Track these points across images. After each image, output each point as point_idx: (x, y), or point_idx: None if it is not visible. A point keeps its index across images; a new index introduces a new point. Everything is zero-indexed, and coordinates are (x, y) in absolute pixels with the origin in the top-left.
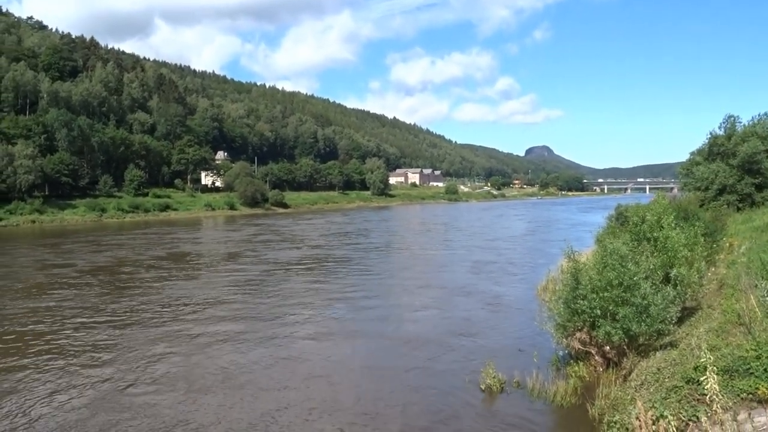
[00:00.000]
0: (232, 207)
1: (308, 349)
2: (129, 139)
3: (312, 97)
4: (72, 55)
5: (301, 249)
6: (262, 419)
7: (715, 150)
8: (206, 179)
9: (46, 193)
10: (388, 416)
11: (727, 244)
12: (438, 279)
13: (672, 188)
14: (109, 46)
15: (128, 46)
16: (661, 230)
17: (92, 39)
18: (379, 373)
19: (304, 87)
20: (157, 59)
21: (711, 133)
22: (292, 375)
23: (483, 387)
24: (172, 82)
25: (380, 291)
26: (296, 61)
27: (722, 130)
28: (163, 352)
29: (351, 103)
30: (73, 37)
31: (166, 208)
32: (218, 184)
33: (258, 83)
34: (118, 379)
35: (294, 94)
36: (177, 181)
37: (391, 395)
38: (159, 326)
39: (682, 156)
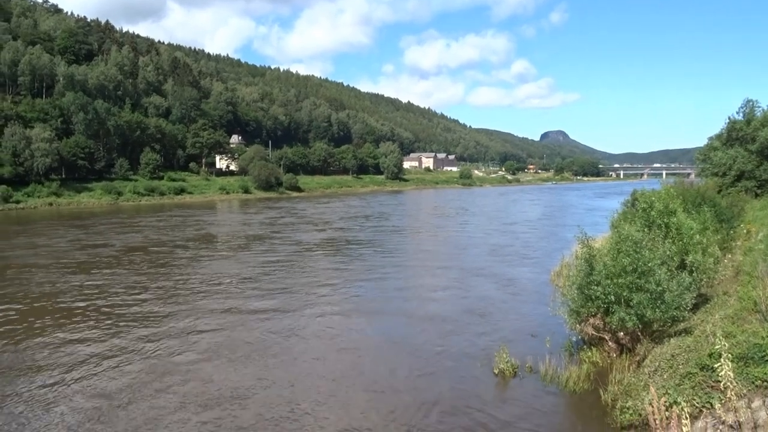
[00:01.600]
0: (246, 191)
1: (335, 324)
2: (144, 123)
3: (326, 80)
4: (87, 39)
5: (325, 231)
6: (297, 385)
7: (733, 135)
8: (221, 163)
9: (63, 176)
10: (402, 393)
11: (745, 231)
12: (455, 261)
13: (689, 174)
14: (124, 30)
15: (142, 29)
16: (670, 217)
17: (107, 22)
18: (398, 350)
19: (317, 70)
20: (171, 42)
21: (729, 118)
22: (321, 347)
23: (496, 371)
24: (186, 65)
25: (401, 272)
26: (310, 44)
27: (741, 114)
28: (205, 324)
29: (365, 86)
30: (89, 20)
31: (181, 191)
32: (232, 167)
33: (272, 67)
34: (167, 348)
35: (308, 78)
36: (192, 165)
37: (406, 374)
38: (199, 301)
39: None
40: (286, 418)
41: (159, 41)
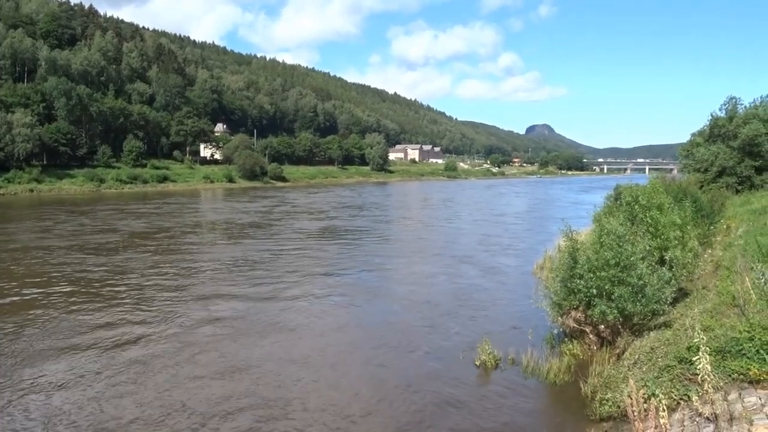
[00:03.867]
0: (230, 180)
1: (336, 304)
2: (128, 110)
3: (312, 70)
4: (70, 23)
5: (321, 220)
6: (306, 358)
7: (716, 132)
8: (205, 151)
9: (44, 162)
10: (382, 384)
11: (725, 226)
12: (443, 251)
13: (672, 169)
14: (108, 14)
15: (126, 14)
16: (649, 212)
17: (91, 7)
18: (381, 339)
19: (304, 59)
20: (156, 29)
21: (712, 115)
22: (324, 326)
23: (478, 363)
24: (171, 52)
25: (392, 260)
26: (296, 33)
27: (724, 111)
28: (220, 302)
29: (351, 76)
30: (72, 4)
31: (164, 179)
32: (217, 156)
33: (258, 55)
34: (186, 323)
35: (294, 67)
36: (176, 153)
37: (387, 365)
38: (214, 282)
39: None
40: (288, 386)
41: (144, 27)
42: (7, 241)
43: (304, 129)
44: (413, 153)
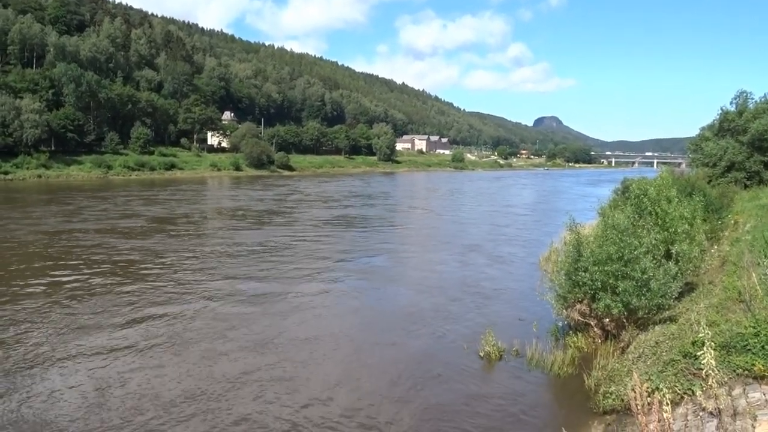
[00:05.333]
0: (237, 168)
1: (352, 288)
2: (136, 97)
3: (320, 59)
4: (79, 9)
5: (335, 209)
6: (323, 337)
7: (725, 126)
8: (212, 139)
9: (52, 148)
10: (385, 373)
11: (733, 222)
12: (453, 240)
13: (680, 163)
14: (116, 0)
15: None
16: (659, 205)
17: None
18: (388, 325)
19: (311, 48)
20: (164, 15)
21: (722, 109)
22: (340, 308)
23: (482, 354)
24: (179, 39)
25: (405, 247)
26: (304, 21)
27: (734, 105)
28: (246, 283)
29: (359, 65)
30: None
31: (171, 167)
32: (224, 144)
33: (266, 43)
34: (217, 301)
35: (302, 56)
36: (183, 141)
37: (392, 353)
38: (240, 264)
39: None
40: (306, 361)
41: (152, 14)
42: (37, 224)
43: (311, 118)
44: (420, 143)
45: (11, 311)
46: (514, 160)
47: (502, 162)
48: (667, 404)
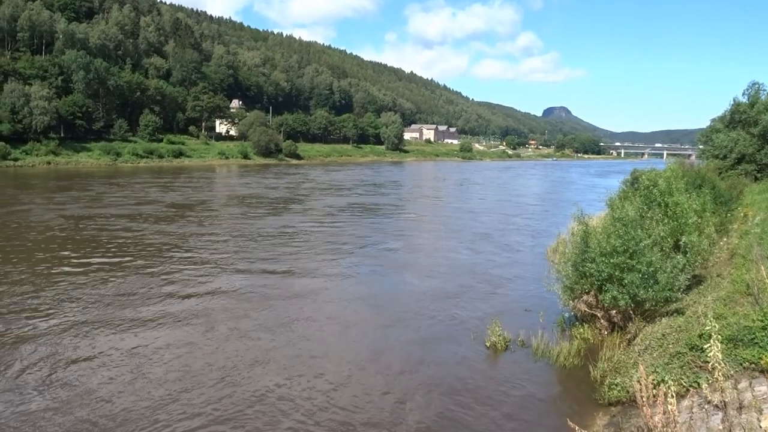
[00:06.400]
0: (245, 156)
1: (366, 273)
2: (144, 84)
3: (329, 47)
4: None
5: (348, 197)
6: (337, 318)
7: (737, 117)
8: (220, 127)
9: (61, 135)
10: (392, 361)
11: (742, 214)
12: (463, 228)
13: (690, 155)
14: None
15: None
16: (670, 196)
17: None
18: (397, 311)
19: (320, 36)
20: (173, 3)
21: (734, 100)
22: (354, 291)
23: (488, 344)
24: (188, 27)
25: (418, 234)
26: (312, 9)
27: (746, 97)
28: (267, 266)
29: (368, 54)
30: None
31: (180, 154)
32: (232, 132)
33: (275, 31)
34: (240, 283)
35: (311, 44)
36: (191, 128)
37: (400, 340)
38: (261, 248)
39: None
40: (321, 341)
41: (161, 1)
42: (62, 209)
43: (319, 106)
44: (428, 133)
45: (56, 289)
46: (523, 150)
47: (510, 152)
48: (672, 396)
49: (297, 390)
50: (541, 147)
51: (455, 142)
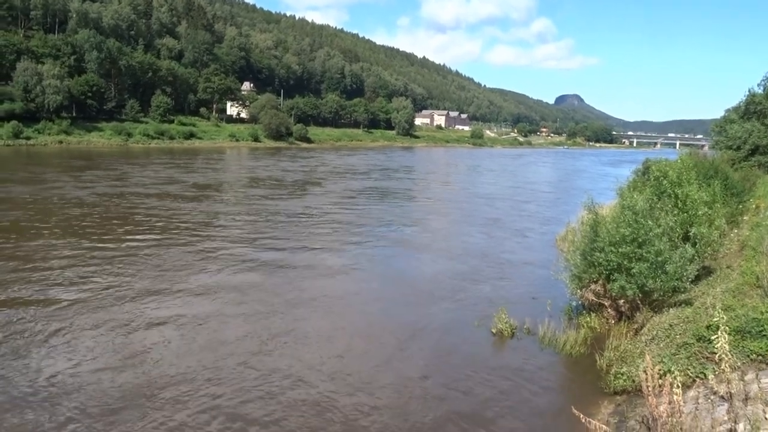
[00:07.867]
0: (255, 139)
1: (383, 255)
2: (156, 65)
3: (341, 31)
4: None
5: (363, 181)
6: (354, 297)
7: (751, 108)
8: (231, 109)
9: (73, 114)
10: (398, 345)
11: (754, 206)
12: (475, 213)
13: (703, 145)
14: None
15: None
16: (681, 187)
17: None
18: (418, 284)
19: (332, 19)
20: None
21: (749, 91)
22: (370, 272)
23: (494, 331)
24: (201, 8)
25: (429, 218)
26: None
27: (761, 88)
28: (292, 242)
29: (380, 38)
30: None
31: (190, 136)
32: (243, 115)
33: (287, 14)
34: (270, 261)
35: (323, 27)
36: (202, 110)
37: (407, 325)
38: (286, 227)
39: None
40: (337, 317)
41: None
42: (92, 188)
43: (330, 90)
44: (439, 119)
45: (100, 261)
46: (534, 137)
47: (521, 139)
48: (678, 387)
49: (310, 359)
50: (552, 135)
51: (466, 128)
